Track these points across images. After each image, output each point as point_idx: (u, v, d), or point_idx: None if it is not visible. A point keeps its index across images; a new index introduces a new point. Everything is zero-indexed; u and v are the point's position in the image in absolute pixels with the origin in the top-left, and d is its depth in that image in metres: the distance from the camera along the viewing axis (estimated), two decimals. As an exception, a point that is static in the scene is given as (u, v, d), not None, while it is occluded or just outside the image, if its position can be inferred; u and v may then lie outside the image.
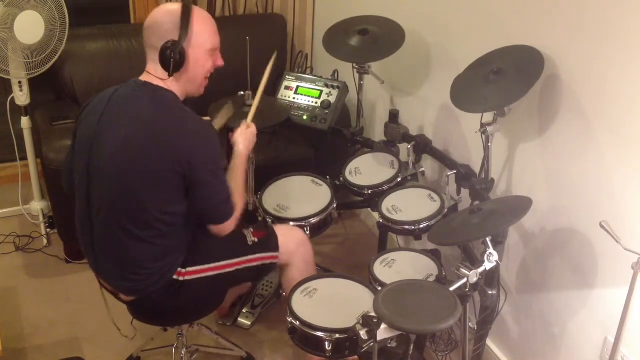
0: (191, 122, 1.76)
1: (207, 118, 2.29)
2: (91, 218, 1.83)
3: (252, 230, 2.01)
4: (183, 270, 1.86)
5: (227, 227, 1.88)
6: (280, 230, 2.08)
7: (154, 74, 1.78)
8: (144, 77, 1.80)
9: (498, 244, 2.00)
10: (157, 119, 1.74)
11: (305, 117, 2.70)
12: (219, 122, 2.16)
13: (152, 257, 1.81)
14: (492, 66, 1.93)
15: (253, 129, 2.11)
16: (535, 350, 2.20)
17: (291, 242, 2.07)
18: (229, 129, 2.50)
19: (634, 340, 1.77)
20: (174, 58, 1.73)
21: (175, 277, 1.85)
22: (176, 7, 1.76)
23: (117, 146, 1.73)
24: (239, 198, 1.91)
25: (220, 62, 1.87)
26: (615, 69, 1.71)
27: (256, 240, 1.99)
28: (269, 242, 2.02)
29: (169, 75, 1.76)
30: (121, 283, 1.87)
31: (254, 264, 1.99)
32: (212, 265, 1.90)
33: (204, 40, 1.78)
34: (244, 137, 2.06)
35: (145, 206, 1.74)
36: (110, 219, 1.78)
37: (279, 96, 2.79)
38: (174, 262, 1.85)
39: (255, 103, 2.18)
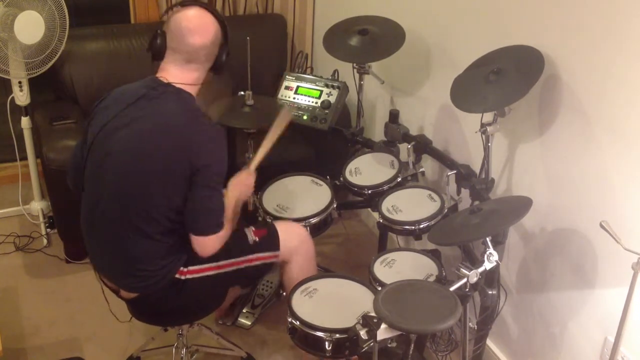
0: (208, 125, 1.80)
1: None
2: (98, 213, 1.84)
3: (253, 229, 2.01)
4: (185, 269, 1.86)
5: (210, 244, 1.82)
6: (281, 227, 2.07)
7: (178, 75, 1.81)
8: (165, 76, 1.81)
9: (498, 244, 2.00)
10: (175, 119, 1.77)
11: (305, 117, 2.70)
12: (276, 130, 2.13)
13: (156, 255, 1.82)
14: (492, 66, 1.93)
15: (252, 180, 2.06)
16: (535, 350, 2.20)
17: (292, 239, 2.07)
18: (228, 129, 2.51)
19: (634, 340, 1.78)
20: (225, 59, 1.85)
21: (177, 276, 1.85)
22: (209, 14, 1.82)
23: (133, 142, 1.76)
24: (227, 223, 1.86)
25: None
26: (615, 69, 1.71)
27: (257, 239, 1.99)
28: (270, 241, 2.02)
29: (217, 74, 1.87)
30: (125, 280, 1.88)
31: (255, 263, 1.99)
32: (213, 264, 1.90)
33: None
34: (240, 188, 2.01)
35: (154, 202, 1.76)
36: (119, 214, 1.79)
37: (279, 96, 2.79)
38: (177, 260, 1.85)
39: (262, 151, 2.12)
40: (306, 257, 2.10)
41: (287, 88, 2.80)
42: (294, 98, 2.76)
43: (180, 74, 1.81)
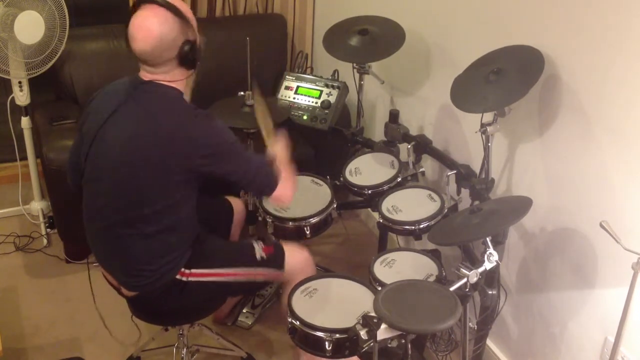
0: (192, 117, 1.78)
1: None
2: (98, 212, 1.85)
3: (262, 245, 2.01)
4: (187, 271, 1.87)
5: (282, 193, 1.90)
6: (287, 247, 2.08)
7: (149, 76, 1.79)
8: (147, 76, 1.80)
9: (498, 244, 2.00)
10: (166, 117, 1.76)
11: (305, 117, 2.70)
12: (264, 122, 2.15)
13: (155, 253, 1.82)
14: (492, 66, 1.93)
15: (282, 138, 2.08)
16: (535, 350, 2.20)
17: (297, 262, 2.07)
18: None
19: (634, 340, 1.78)
20: (197, 56, 1.79)
21: (178, 276, 1.86)
22: (161, 13, 1.70)
23: (125, 142, 1.76)
24: (283, 167, 1.94)
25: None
26: (615, 69, 1.71)
27: (265, 256, 1.99)
28: (276, 260, 2.02)
29: (194, 71, 1.83)
30: (125, 278, 1.88)
31: (258, 279, 2.00)
32: (217, 270, 1.91)
33: (195, 25, 1.80)
34: (280, 148, 2.04)
35: (150, 200, 1.76)
36: (117, 213, 1.79)
37: (279, 96, 2.79)
38: (177, 260, 1.85)
39: (263, 130, 2.13)
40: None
41: (287, 88, 2.80)
42: (294, 98, 2.77)
43: (151, 75, 1.79)
